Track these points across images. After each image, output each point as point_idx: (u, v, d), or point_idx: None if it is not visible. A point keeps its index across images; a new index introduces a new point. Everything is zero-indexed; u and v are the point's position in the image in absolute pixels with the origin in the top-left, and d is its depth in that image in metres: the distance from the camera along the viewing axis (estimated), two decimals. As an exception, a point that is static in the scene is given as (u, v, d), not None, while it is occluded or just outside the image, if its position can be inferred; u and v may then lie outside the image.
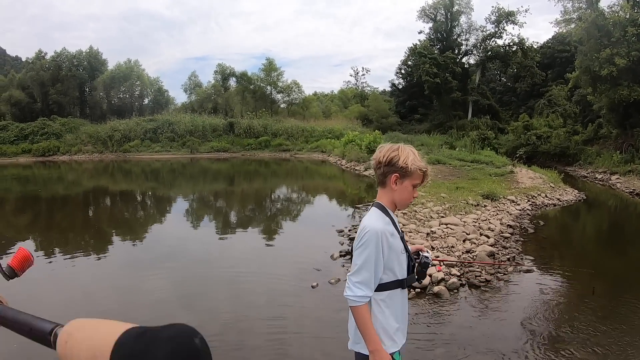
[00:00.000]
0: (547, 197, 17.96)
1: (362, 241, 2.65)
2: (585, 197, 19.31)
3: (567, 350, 5.90)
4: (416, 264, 2.94)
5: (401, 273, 2.79)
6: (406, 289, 2.94)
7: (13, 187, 27.30)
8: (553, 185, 20.04)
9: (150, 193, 24.84)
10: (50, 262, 10.37)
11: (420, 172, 2.74)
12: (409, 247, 2.96)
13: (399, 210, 2.96)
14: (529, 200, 16.95)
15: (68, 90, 54.94)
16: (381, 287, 2.72)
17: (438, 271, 3.17)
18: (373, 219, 2.74)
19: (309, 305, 7.66)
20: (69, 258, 10.60)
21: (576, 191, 19.99)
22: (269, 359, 5.92)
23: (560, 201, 17.81)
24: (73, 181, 30.89)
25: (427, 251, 3.08)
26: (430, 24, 54.22)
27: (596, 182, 26.06)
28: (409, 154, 2.72)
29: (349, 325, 2.88)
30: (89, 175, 34.14)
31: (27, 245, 12.73)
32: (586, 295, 7.75)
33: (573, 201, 18.28)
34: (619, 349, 5.93)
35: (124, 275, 9.58)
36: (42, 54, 57.36)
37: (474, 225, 11.96)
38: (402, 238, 2.85)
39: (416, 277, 2.98)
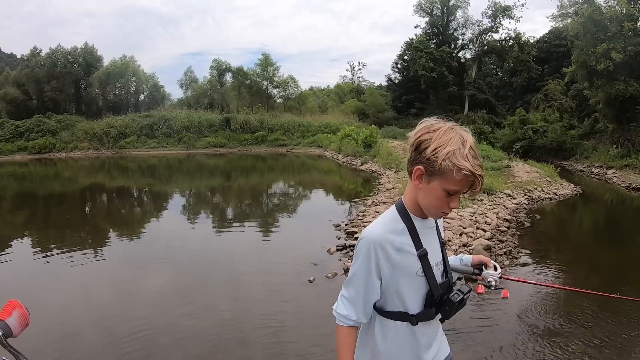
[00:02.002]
0: (543, 191, 17.99)
1: (355, 249, 2.06)
2: (581, 192, 19.36)
3: (564, 343, 5.93)
4: (446, 302, 2.10)
5: (413, 303, 2.06)
6: (432, 321, 2.15)
7: (9, 185, 27.22)
8: (549, 180, 20.05)
9: (147, 189, 24.79)
10: (48, 259, 10.35)
11: (460, 176, 1.81)
12: (447, 266, 2.21)
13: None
14: (525, 195, 16.97)
15: (63, 87, 54.83)
16: (385, 313, 2.11)
17: (503, 297, 2.49)
18: (374, 224, 2.06)
19: (307, 300, 7.66)
20: (67, 255, 10.56)
21: (572, 185, 20.02)
22: (267, 353, 5.92)
23: (557, 195, 17.84)
24: (69, 178, 30.81)
25: (494, 267, 2.39)
26: (427, 19, 54.31)
27: (592, 176, 26.10)
28: (447, 142, 1.83)
29: None
30: (85, 172, 34.04)
31: (25, 246, 12.74)
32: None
33: (569, 195, 18.31)
34: (616, 341, 5.95)
35: (121, 271, 9.58)
36: (37, 51, 57.29)
37: (470, 219, 11.96)
38: (422, 256, 2.03)
39: (440, 315, 2.16)
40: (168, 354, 5.88)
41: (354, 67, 73.64)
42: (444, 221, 11.66)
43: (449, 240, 10.12)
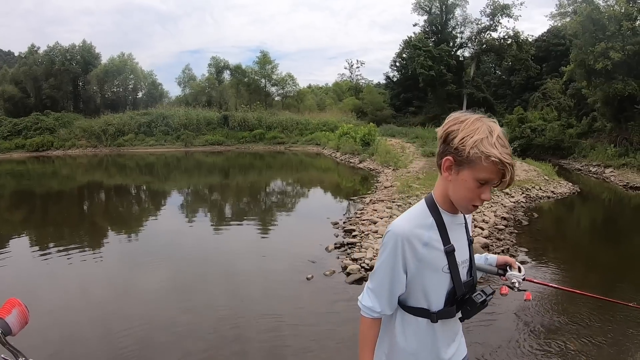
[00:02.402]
0: (541, 189, 18.00)
1: (382, 241, 2.03)
2: (579, 190, 19.37)
3: (560, 341, 5.93)
4: (468, 302, 2.09)
5: (436, 300, 2.04)
6: (452, 320, 2.15)
7: (7, 183, 27.17)
8: (547, 178, 20.07)
9: (145, 187, 24.79)
10: (46, 257, 10.35)
11: (489, 163, 1.80)
12: (472, 265, 2.18)
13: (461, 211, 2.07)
14: (523, 193, 16.99)
15: (61, 85, 54.71)
16: (407, 308, 2.09)
17: (525, 299, 2.88)
18: (402, 217, 2.04)
19: (305, 298, 7.67)
20: (64, 253, 10.56)
21: (570, 184, 20.04)
22: (266, 352, 5.92)
23: (555, 194, 17.85)
24: (67, 176, 30.78)
25: (518, 268, 2.34)
26: (425, 17, 54.29)
27: (590, 175, 26.11)
28: (474, 131, 1.83)
29: None
30: (83, 170, 34.03)
31: (23, 244, 12.74)
32: (580, 287, 7.77)
33: (567, 194, 18.32)
34: (613, 340, 5.96)
35: (119, 269, 9.57)
36: (35, 49, 57.15)
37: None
38: (450, 252, 2.00)
39: (461, 314, 2.16)
40: (166, 351, 5.88)
41: (352, 65, 73.74)
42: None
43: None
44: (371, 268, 8.58)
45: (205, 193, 22.84)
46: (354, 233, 11.20)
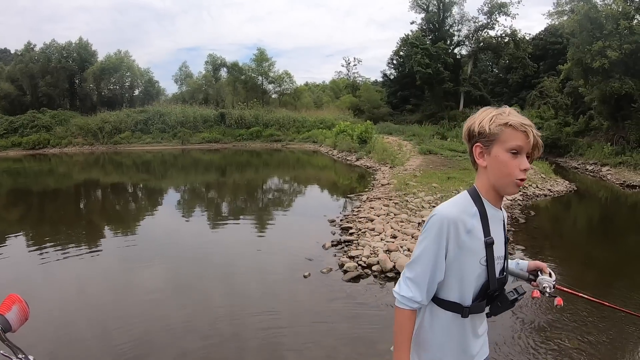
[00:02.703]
0: (538, 187, 18.01)
1: (424, 227, 2.03)
2: (576, 188, 19.40)
3: (558, 339, 5.95)
4: (500, 297, 2.12)
5: (468, 293, 2.06)
6: (480, 316, 2.19)
7: (4, 181, 27.11)
8: (544, 176, 20.09)
9: (142, 185, 24.74)
10: (42, 255, 10.32)
11: (510, 129, 1.93)
12: (505, 263, 2.19)
13: (506, 195, 2.12)
14: (520, 191, 16.98)
15: (58, 82, 54.41)
16: (438, 300, 2.09)
17: (557, 305, 2.33)
18: (448, 203, 2.06)
19: (302, 295, 7.67)
20: (61, 251, 10.55)
21: (567, 182, 20.07)
22: (263, 349, 5.91)
23: (551, 192, 17.87)
24: (64, 174, 30.68)
25: (549, 273, 2.35)
26: (423, 15, 54.12)
27: (587, 173, 26.15)
28: (487, 113, 2.01)
29: None
30: (80, 168, 33.96)
31: (19, 242, 12.70)
32: (576, 285, 7.78)
33: (564, 192, 18.34)
34: (609, 337, 5.97)
35: (116, 267, 9.55)
36: (32, 46, 56.77)
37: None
38: (489, 244, 2.02)
39: (488, 310, 2.18)
40: (163, 349, 5.88)
41: (349, 63, 73.62)
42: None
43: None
44: (368, 266, 8.59)
45: (202, 191, 22.80)
46: (350, 231, 11.22)
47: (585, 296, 2.71)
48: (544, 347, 5.77)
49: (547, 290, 2.27)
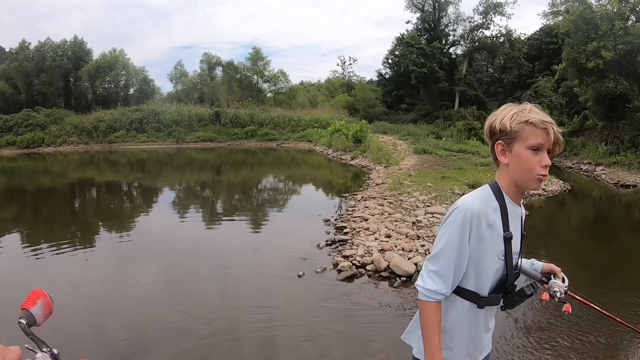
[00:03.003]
0: (532, 187, 18.03)
1: (447, 220, 2.07)
2: (570, 188, 19.47)
3: (552, 339, 5.96)
4: (516, 292, 2.18)
5: (485, 284, 2.11)
6: (494, 308, 2.25)
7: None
8: (539, 176, 20.11)
9: (136, 184, 24.69)
10: (38, 254, 10.30)
11: (531, 127, 1.98)
12: (520, 259, 2.24)
13: (528, 191, 2.19)
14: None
15: (52, 81, 54.22)
16: (456, 289, 2.14)
17: (565, 311, 2.34)
18: (470, 197, 2.11)
19: (296, 295, 7.67)
20: (56, 250, 10.51)
21: (561, 181, 20.14)
22: (257, 348, 5.92)
23: (546, 191, 17.90)
24: (59, 173, 30.55)
25: (562, 278, 2.39)
26: (418, 14, 54.09)
27: (581, 173, 26.26)
28: (508, 111, 2.05)
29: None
30: (74, 167, 33.86)
31: (14, 240, 12.68)
32: (570, 284, 7.79)
33: (558, 191, 18.41)
34: (603, 336, 5.99)
35: (111, 266, 9.51)
36: (26, 44, 56.52)
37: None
38: (508, 239, 2.08)
39: (502, 303, 2.23)
40: (158, 346, 5.88)
41: (344, 62, 73.51)
42: (434, 217, 11.71)
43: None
44: (362, 265, 8.60)
45: (197, 190, 22.78)
46: (345, 230, 11.21)
47: (597, 308, 2.70)
48: (539, 346, 5.79)
49: (558, 295, 2.30)
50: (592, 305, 2.66)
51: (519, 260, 2.22)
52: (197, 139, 47.41)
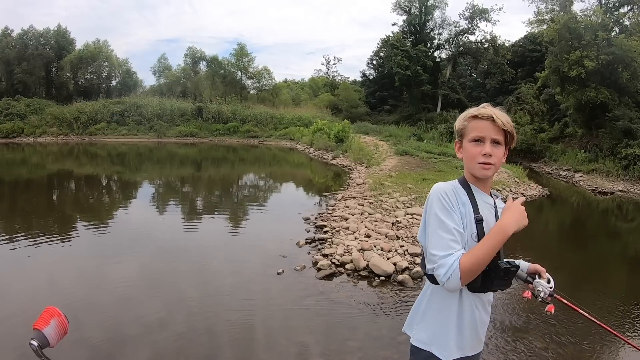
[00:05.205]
0: (511, 191, 18.21)
1: (425, 206, 2.22)
2: (548, 193, 19.68)
3: (526, 339, 6.03)
4: (493, 269, 2.14)
5: None
6: (480, 297, 2.28)
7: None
8: (518, 180, 20.32)
9: (116, 177, 24.47)
10: (13, 247, 10.17)
11: (474, 123, 2.21)
12: (501, 248, 2.19)
13: (479, 177, 2.26)
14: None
15: (34, 70, 53.57)
16: (431, 277, 2.22)
17: (547, 311, 2.41)
18: (442, 182, 2.28)
19: (275, 292, 7.66)
20: (32, 243, 10.37)
21: (540, 187, 20.32)
22: (235, 345, 5.90)
23: (524, 196, 18.02)
24: (37, 164, 30.16)
25: (548, 279, 2.42)
26: (404, 17, 54.36)
27: (560, 178, 26.50)
28: (463, 113, 2.32)
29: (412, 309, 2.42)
30: (53, 158, 33.51)
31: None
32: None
33: (537, 196, 18.59)
34: (576, 338, 6.07)
35: (88, 261, 9.37)
36: (9, 31, 55.68)
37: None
38: (479, 220, 2.18)
39: (480, 283, 2.17)
40: (136, 344, 5.85)
41: (329, 62, 73.82)
42: (413, 218, 11.76)
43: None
44: (342, 264, 8.63)
45: (177, 185, 22.65)
46: (325, 229, 11.24)
47: (585, 313, 2.71)
48: (514, 346, 5.84)
49: (541, 295, 2.34)
50: (581, 311, 2.67)
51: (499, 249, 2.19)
52: (179, 133, 47.04)
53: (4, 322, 6.12)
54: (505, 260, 2.19)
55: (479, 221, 2.19)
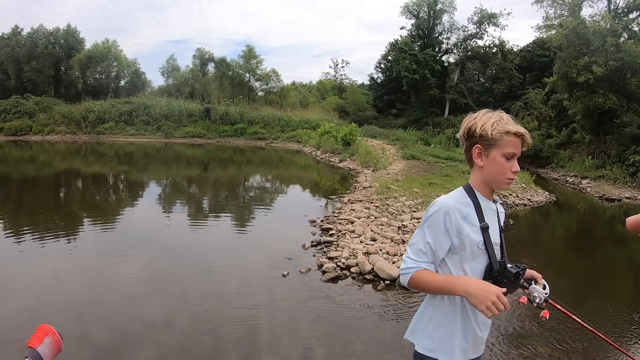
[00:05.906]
0: (518, 197, 18.17)
1: (423, 217, 2.25)
2: (555, 199, 19.62)
3: (530, 345, 6.02)
4: (503, 274, 2.22)
5: (473, 275, 2.23)
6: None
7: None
8: (524, 186, 20.25)
9: (123, 177, 24.53)
10: (20, 244, 10.24)
11: (510, 138, 2.16)
12: (503, 251, 2.33)
13: (497, 190, 2.39)
14: (500, 200, 17.10)
15: (43, 69, 53.79)
16: None
17: (542, 316, 2.48)
18: (445, 196, 2.30)
19: (280, 294, 7.67)
20: (39, 241, 10.42)
21: (547, 193, 20.26)
22: (240, 346, 5.91)
23: (531, 202, 18.03)
24: (45, 162, 30.34)
25: (543, 285, 2.47)
26: (413, 21, 54.23)
27: (567, 185, 26.43)
28: (489, 118, 2.20)
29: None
30: (61, 157, 33.64)
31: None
32: (552, 293, 7.85)
33: (543, 202, 18.54)
34: (581, 345, 6.06)
35: (94, 260, 9.41)
36: (19, 30, 55.97)
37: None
38: (485, 228, 2.22)
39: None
40: (140, 343, 5.86)
41: (337, 65, 73.93)
42: (419, 222, 11.72)
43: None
44: (347, 267, 8.63)
45: (184, 186, 22.69)
46: (331, 232, 11.24)
47: (578, 319, 2.74)
48: (517, 352, 5.83)
49: (537, 301, 2.39)
50: (574, 317, 2.69)
51: (502, 251, 2.33)
52: (186, 134, 47.13)
53: (10, 319, 6.15)
54: (514, 264, 2.29)
55: (484, 229, 2.22)
